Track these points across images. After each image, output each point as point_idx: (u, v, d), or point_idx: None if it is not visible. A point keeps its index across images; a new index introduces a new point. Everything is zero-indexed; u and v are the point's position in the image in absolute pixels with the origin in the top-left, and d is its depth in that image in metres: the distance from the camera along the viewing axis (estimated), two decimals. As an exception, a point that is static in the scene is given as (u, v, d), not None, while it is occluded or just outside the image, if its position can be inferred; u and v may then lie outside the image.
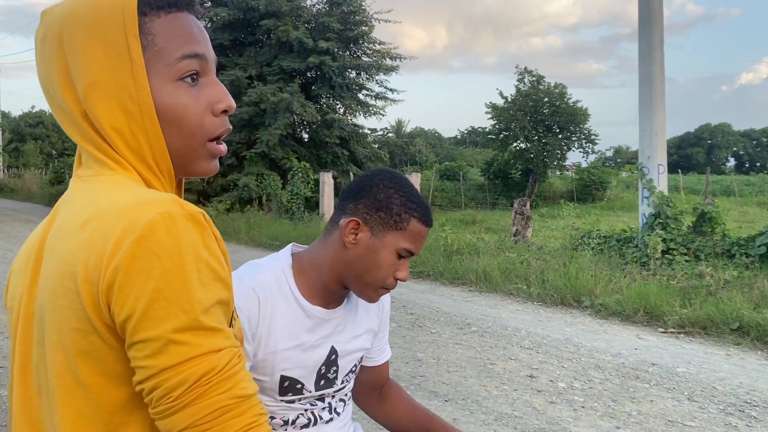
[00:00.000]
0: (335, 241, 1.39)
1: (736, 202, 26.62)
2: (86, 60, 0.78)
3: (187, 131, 0.82)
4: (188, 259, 0.70)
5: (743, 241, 8.47)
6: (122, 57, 0.78)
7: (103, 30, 0.78)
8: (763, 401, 4.50)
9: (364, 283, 1.38)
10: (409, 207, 1.36)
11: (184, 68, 0.81)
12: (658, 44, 9.48)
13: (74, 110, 0.79)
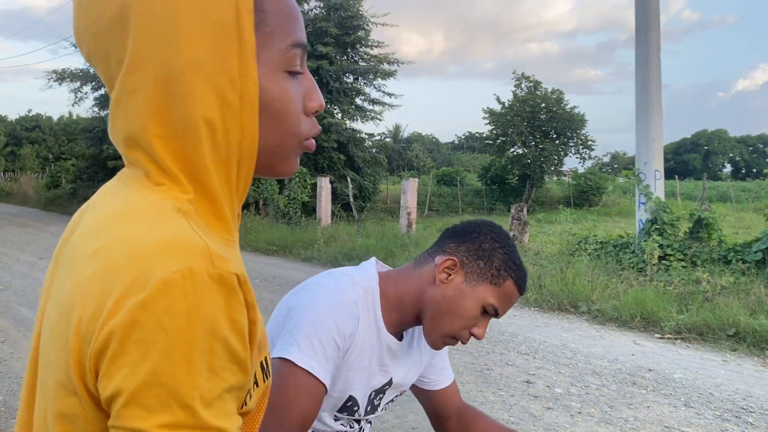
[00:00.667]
0: (426, 275, 1.35)
1: (733, 208, 26.67)
2: (179, 34, 0.62)
3: (288, 129, 0.69)
4: (201, 337, 0.55)
5: (739, 247, 8.49)
6: (228, 35, 0.63)
7: (205, 2, 0.63)
8: (760, 407, 4.50)
9: (438, 325, 1.34)
10: (510, 266, 1.33)
11: (292, 60, 0.68)
12: (654, 51, 9.51)
13: None
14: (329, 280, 1.35)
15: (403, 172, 39.66)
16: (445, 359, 1.60)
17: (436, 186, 28.53)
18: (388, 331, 1.37)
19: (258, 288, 9.31)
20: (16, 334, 6.35)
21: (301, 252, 12.80)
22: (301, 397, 1.16)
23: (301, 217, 17.27)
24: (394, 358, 1.41)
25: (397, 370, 1.42)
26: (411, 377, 1.49)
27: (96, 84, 21.93)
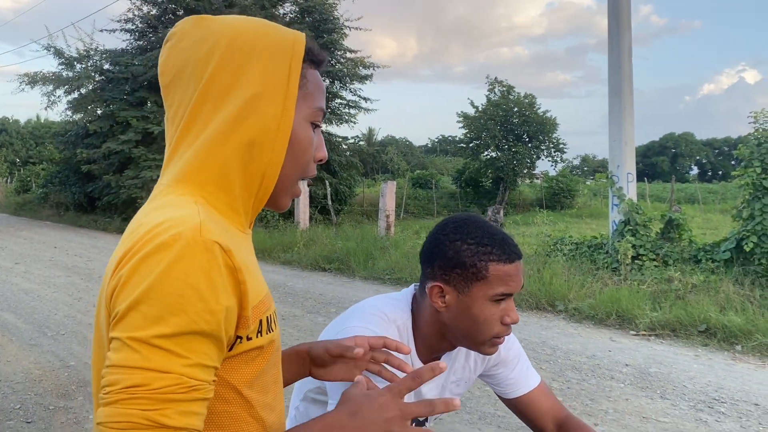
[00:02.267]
0: (429, 306, 1.36)
1: (700, 209, 27.34)
2: (245, 75, 0.88)
3: (300, 163, 0.93)
4: (176, 283, 0.73)
5: (709, 247, 8.79)
6: (280, 85, 0.89)
7: (273, 58, 0.89)
8: (730, 398, 4.73)
9: (473, 340, 1.34)
10: (482, 253, 1.28)
11: (316, 116, 0.94)
12: (626, 57, 9.81)
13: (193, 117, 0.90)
14: (363, 320, 1.36)
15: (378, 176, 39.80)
16: (513, 368, 1.57)
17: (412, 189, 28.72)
18: (422, 361, 1.40)
19: (240, 291, 9.36)
20: (0, 339, 6.33)
21: (281, 255, 12.85)
22: None
23: (279, 220, 17.30)
24: (429, 384, 1.44)
25: (431, 390, 1.47)
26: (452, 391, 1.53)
27: (69, 88, 21.68)
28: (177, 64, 0.90)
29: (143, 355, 0.72)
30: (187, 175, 0.87)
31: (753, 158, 8.04)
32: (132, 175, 20.14)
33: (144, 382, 0.71)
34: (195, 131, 0.88)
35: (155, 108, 21.39)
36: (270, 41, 0.91)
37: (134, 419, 0.71)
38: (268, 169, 0.89)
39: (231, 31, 0.90)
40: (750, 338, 6.11)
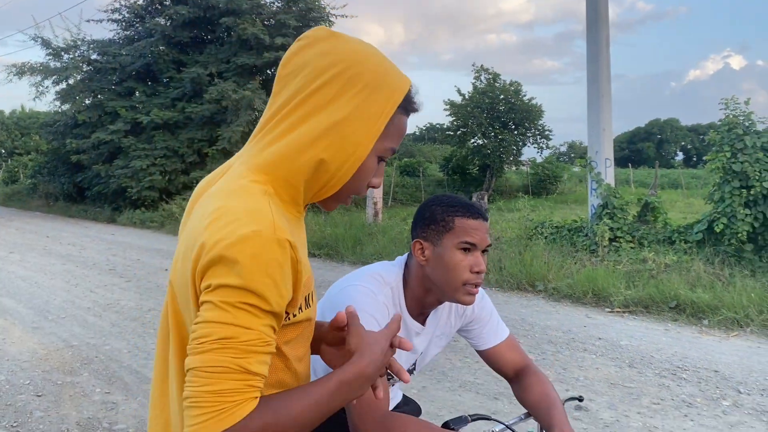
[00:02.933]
0: (416, 264, 1.65)
1: (683, 194, 27.83)
2: (345, 97, 1.03)
3: (357, 185, 1.09)
4: (257, 270, 0.91)
5: (682, 228, 9.17)
6: (371, 120, 1.04)
7: (373, 94, 1.04)
8: (693, 366, 5.10)
9: (449, 287, 1.59)
10: (449, 210, 1.60)
11: (387, 154, 1.10)
12: (604, 46, 10.13)
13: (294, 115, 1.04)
14: (363, 282, 1.63)
15: (366, 164, 39.83)
16: (484, 324, 1.84)
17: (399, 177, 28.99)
18: (413, 317, 1.70)
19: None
20: (3, 322, 6.60)
21: (271, 242, 13.12)
22: None
23: (268, 208, 17.55)
24: (418, 336, 1.76)
25: (420, 343, 1.78)
26: (437, 349, 1.86)
27: (57, 78, 21.73)
28: (299, 62, 1.06)
29: (233, 314, 0.90)
30: (266, 168, 1.04)
31: (723, 143, 8.41)
32: (121, 165, 20.29)
33: (234, 335, 0.90)
34: (284, 128, 1.04)
35: (143, 98, 21.52)
36: (378, 78, 1.05)
37: (226, 364, 0.89)
38: (330, 184, 1.06)
39: (352, 55, 1.05)
40: (716, 313, 6.49)
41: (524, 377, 1.79)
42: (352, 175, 1.07)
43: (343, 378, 1.00)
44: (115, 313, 7.05)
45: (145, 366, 5.19)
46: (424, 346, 1.79)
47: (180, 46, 22.42)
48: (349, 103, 1.03)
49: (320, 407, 0.97)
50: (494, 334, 1.85)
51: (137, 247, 13.46)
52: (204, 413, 0.89)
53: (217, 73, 20.96)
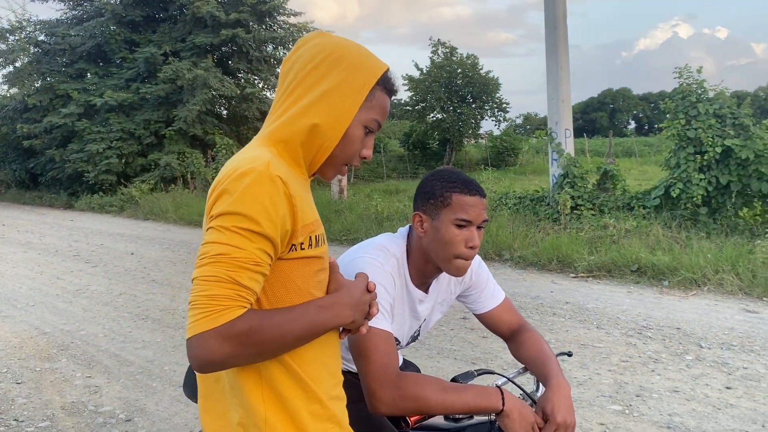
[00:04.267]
0: (416, 236, 1.75)
1: (637, 162, 28.55)
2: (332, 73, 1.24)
3: (347, 152, 1.28)
4: (249, 198, 1.09)
5: (640, 195, 9.49)
6: (353, 91, 1.25)
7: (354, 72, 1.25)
8: (657, 325, 5.35)
9: (443, 259, 1.69)
10: (448, 186, 1.68)
11: (372, 125, 1.29)
12: (561, 18, 10.30)
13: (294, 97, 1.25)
14: (370, 253, 1.72)
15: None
16: (482, 290, 1.95)
17: (360, 153, 29.00)
18: (416, 286, 1.78)
19: (201, 257, 9.62)
20: (-29, 312, 6.49)
21: (236, 222, 13.06)
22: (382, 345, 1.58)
23: (231, 188, 17.38)
24: (422, 304, 1.85)
25: (424, 310, 1.88)
26: (439, 315, 1.97)
27: (3, 61, 20.98)
28: (295, 58, 1.28)
29: (227, 236, 1.08)
30: (271, 135, 1.24)
31: (678, 111, 8.69)
32: (76, 149, 19.80)
33: (226, 252, 1.07)
34: (285, 105, 1.25)
35: (96, 80, 20.96)
36: (359, 60, 1.27)
37: (219, 275, 1.06)
38: (323, 146, 1.25)
39: (336, 46, 1.27)
40: (675, 274, 6.78)
41: (520, 335, 1.90)
42: (341, 138, 1.25)
43: (321, 303, 1.19)
44: (86, 299, 6.98)
45: (123, 349, 5.19)
46: (427, 313, 1.88)
47: (132, 25, 21.86)
48: (336, 78, 1.24)
49: (300, 323, 1.14)
50: (491, 298, 1.95)
51: (99, 232, 13.24)
52: (199, 313, 1.05)
53: (171, 52, 20.53)
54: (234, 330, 1.05)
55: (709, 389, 3.97)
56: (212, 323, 1.04)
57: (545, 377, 1.73)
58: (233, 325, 1.05)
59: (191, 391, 2.17)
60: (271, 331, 1.09)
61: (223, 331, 1.04)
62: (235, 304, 1.06)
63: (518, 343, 1.89)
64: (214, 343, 1.04)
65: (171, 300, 6.81)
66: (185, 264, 8.99)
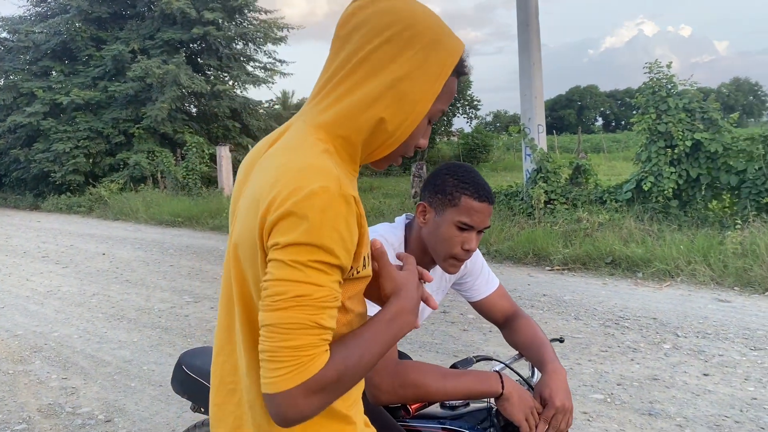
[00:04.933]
0: (417, 225, 1.73)
1: (605, 157, 28.96)
2: (404, 57, 1.04)
3: (409, 145, 1.12)
4: (326, 226, 0.93)
5: (613, 188, 9.62)
6: (429, 80, 1.06)
7: (430, 55, 1.06)
8: (633, 315, 5.43)
9: (437, 255, 1.69)
10: (460, 187, 1.64)
11: (437, 115, 1.12)
12: (534, 16, 10.38)
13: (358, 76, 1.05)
14: None
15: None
16: (476, 277, 1.93)
17: (332, 151, 28.95)
18: None
19: (175, 256, 9.50)
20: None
21: (209, 221, 12.92)
22: None
23: (201, 188, 17.20)
24: (426, 288, 1.80)
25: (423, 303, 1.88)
26: (435, 296, 1.93)
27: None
28: (357, 22, 1.06)
29: (305, 273, 0.93)
30: (329, 126, 1.06)
31: (648, 105, 8.83)
32: (42, 149, 19.40)
33: (307, 293, 0.93)
34: (346, 88, 1.06)
35: (62, 78, 20.55)
36: (437, 39, 1.07)
37: (302, 321, 0.93)
38: (387, 143, 1.09)
39: (412, 15, 1.06)
40: (649, 266, 6.90)
41: (514, 321, 1.91)
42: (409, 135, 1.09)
43: (387, 317, 1.06)
44: (58, 300, 6.84)
45: (99, 350, 5.09)
46: None
47: (98, 22, 21.46)
48: (409, 63, 1.05)
49: (376, 348, 1.03)
50: (486, 285, 1.95)
51: (68, 233, 12.98)
52: (283, 367, 0.93)
53: (140, 49, 20.22)
54: (323, 381, 0.95)
55: (688, 376, 4.04)
56: (301, 377, 0.93)
57: (541, 362, 1.74)
58: (322, 377, 0.95)
59: (180, 386, 2.14)
60: (356, 369, 1.00)
61: (312, 385, 0.94)
62: (320, 351, 0.95)
63: (513, 330, 1.90)
64: (302, 400, 0.94)
65: (146, 300, 6.70)
66: (158, 264, 8.86)
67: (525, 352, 1.83)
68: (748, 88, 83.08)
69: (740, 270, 6.31)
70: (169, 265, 8.69)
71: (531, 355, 1.80)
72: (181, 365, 2.09)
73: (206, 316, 5.95)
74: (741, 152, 8.17)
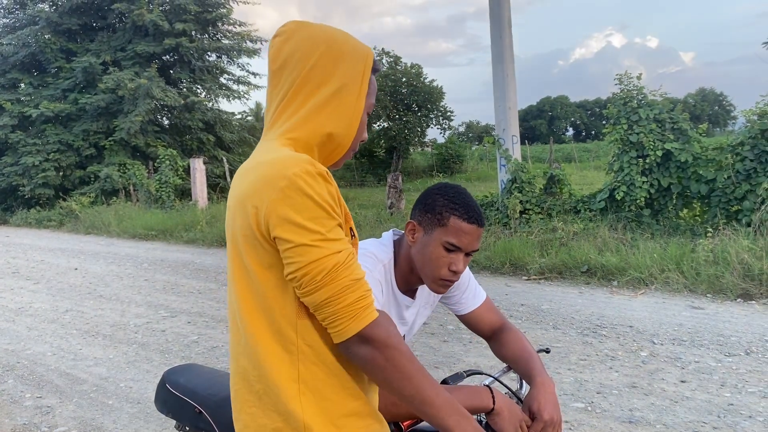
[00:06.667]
0: (406, 244, 1.73)
1: (577, 167, 29.33)
2: (338, 70, 1.24)
3: (355, 141, 1.30)
4: (317, 200, 1.09)
5: (586, 198, 9.74)
6: (356, 83, 1.25)
7: (354, 62, 1.26)
8: (610, 323, 5.50)
9: (425, 275, 1.68)
10: (450, 207, 1.63)
11: (370, 109, 1.32)
12: (506, 28, 10.51)
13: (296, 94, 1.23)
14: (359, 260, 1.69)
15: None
16: (463, 291, 1.93)
17: (306, 162, 28.88)
18: (402, 292, 1.76)
19: (149, 270, 9.37)
20: None
21: (183, 234, 12.79)
22: None
23: (175, 200, 17.02)
24: (408, 309, 1.84)
25: (410, 315, 1.86)
26: (422, 314, 1.94)
27: None
28: (286, 55, 1.25)
29: (326, 247, 1.09)
30: (287, 133, 1.23)
31: (620, 116, 8.98)
32: (10, 162, 19.06)
33: (338, 261, 1.10)
34: (295, 105, 1.23)
35: (30, 90, 20.23)
36: (353, 49, 1.26)
37: (346, 283, 1.10)
38: (338, 148, 1.27)
39: (328, 37, 1.25)
40: (624, 274, 6.99)
41: (501, 334, 1.91)
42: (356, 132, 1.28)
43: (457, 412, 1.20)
44: (30, 317, 6.70)
45: (74, 367, 5.00)
46: (412, 318, 1.88)
47: (68, 33, 21.20)
48: (340, 74, 1.23)
49: (420, 391, 1.15)
50: (473, 298, 1.95)
51: (38, 248, 12.74)
52: (343, 322, 1.11)
53: (111, 61, 20.00)
54: (380, 327, 1.12)
55: (665, 383, 4.10)
56: (362, 323, 1.11)
57: (529, 375, 1.75)
58: (379, 322, 1.12)
59: (163, 405, 2.11)
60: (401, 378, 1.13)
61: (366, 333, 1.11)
62: (370, 302, 1.13)
63: (501, 343, 1.90)
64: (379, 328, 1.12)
65: (121, 315, 6.60)
66: (132, 278, 8.73)
67: (513, 364, 1.84)
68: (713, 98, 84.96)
69: (712, 277, 6.43)
70: (144, 280, 8.57)
71: (519, 368, 1.81)
72: (164, 383, 2.07)
73: (183, 331, 5.87)
74: (710, 162, 8.35)
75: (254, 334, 1.16)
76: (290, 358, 1.15)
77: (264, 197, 1.10)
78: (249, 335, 1.17)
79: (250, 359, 1.18)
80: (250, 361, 1.18)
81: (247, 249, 1.15)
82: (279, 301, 1.15)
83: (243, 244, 1.15)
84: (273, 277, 1.14)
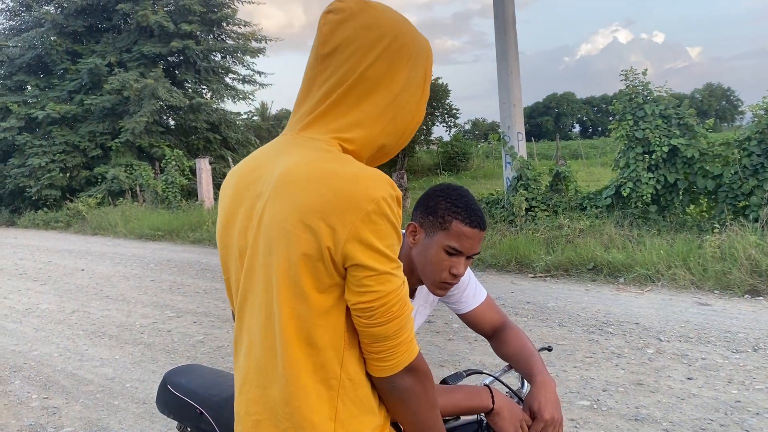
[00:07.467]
0: (407, 245, 1.68)
1: (583, 164, 29.24)
2: (400, 74, 1.11)
3: (405, 143, 1.21)
4: (397, 227, 1.03)
5: (592, 195, 9.70)
6: (419, 87, 1.15)
7: (417, 64, 1.13)
8: (617, 321, 5.47)
9: (425, 277, 1.66)
10: (452, 210, 1.60)
11: None
12: (511, 25, 10.48)
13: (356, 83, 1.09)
14: None
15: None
16: (464, 290, 1.91)
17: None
18: None
19: (155, 271, 9.40)
20: None
21: (189, 235, 12.82)
22: None
23: (181, 201, 17.06)
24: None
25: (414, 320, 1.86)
26: (422, 313, 1.92)
27: None
28: (341, 40, 1.08)
29: (399, 276, 1.05)
30: (337, 136, 1.10)
31: (626, 112, 8.94)
32: (18, 164, 19.16)
33: (404, 295, 1.06)
34: (347, 104, 1.09)
35: (37, 92, 20.32)
36: (418, 46, 1.14)
37: (406, 318, 1.07)
38: (384, 158, 1.19)
39: (394, 28, 1.10)
40: (630, 271, 6.96)
41: (502, 333, 1.90)
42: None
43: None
44: (37, 318, 6.73)
45: (80, 368, 5.02)
46: (413, 313, 1.86)
47: (74, 35, 21.28)
48: (400, 77, 1.10)
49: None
50: (473, 297, 1.93)
51: (45, 249, 12.80)
52: (401, 354, 1.07)
53: (117, 62, 20.06)
54: (422, 360, 1.12)
55: (672, 381, 4.07)
56: (409, 357, 1.08)
57: (530, 374, 1.74)
58: (421, 357, 1.12)
59: (164, 406, 2.11)
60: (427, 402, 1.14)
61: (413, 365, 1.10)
62: (413, 337, 1.11)
63: (501, 341, 1.89)
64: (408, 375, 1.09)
65: (127, 316, 6.62)
66: (139, 278, 8.76)
67: (514, 363, 1.83)
68: (720, 94, 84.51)
69: (719, 273, 6.40)
70: (150, 280, 8.60)
71: (520, 367, 1.80)
72: (165, 384, 2.07)
73: (189, 331, 5.89)
74: (717, 157, 8.30)
75: (293, 366, 1.05)
76: (329, 394, 1.06)
77: (346, 219, 0.99)
78: (287, 366, 1.06)
79: (282, 392, 1.07)
80: (283, 395, 1.07)
81: (305, 269, 1.02)
82: (329, 329, 1.05)
83: (301, 263, 1.02)
84: (326, 304, 1.04)
